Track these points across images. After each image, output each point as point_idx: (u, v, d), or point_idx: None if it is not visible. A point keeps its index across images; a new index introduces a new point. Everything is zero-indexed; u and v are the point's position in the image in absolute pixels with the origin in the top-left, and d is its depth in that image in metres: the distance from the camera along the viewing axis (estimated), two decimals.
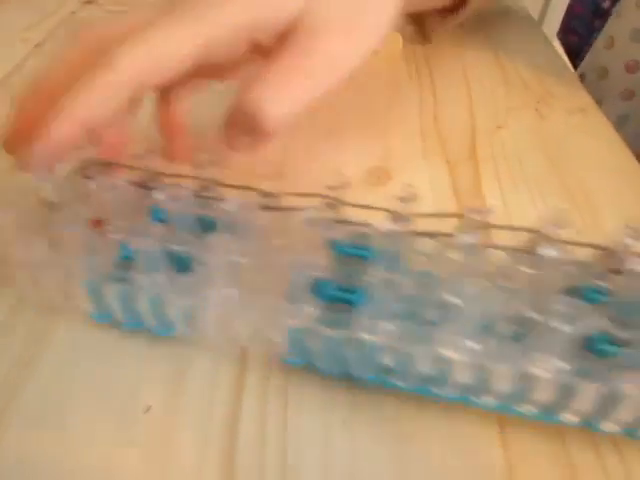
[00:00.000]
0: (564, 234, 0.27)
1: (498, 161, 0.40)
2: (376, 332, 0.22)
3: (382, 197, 0.27)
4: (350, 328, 0.23)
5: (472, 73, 0.49)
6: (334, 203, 0.27)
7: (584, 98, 0.46)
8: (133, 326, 0.27)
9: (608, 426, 0.23)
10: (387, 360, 0.24)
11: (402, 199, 0.28)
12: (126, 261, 0.25)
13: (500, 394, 0.24)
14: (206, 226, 0.27)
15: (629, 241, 0.26)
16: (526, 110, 0.45)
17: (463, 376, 0.23)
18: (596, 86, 0.55)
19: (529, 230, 0.27)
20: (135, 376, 0.25)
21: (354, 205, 0.28)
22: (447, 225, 0.27)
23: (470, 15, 0.50)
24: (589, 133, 0.43)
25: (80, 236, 0.24)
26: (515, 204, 0.36)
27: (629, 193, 0.37)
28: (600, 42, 0.55)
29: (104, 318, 0.27)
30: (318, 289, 0.24)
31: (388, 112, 0.44)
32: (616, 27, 0.53)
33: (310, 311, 0.23)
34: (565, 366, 0.22)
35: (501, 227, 0.28)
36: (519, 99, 0.46)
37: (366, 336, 0.22)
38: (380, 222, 0.26)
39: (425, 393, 0.25)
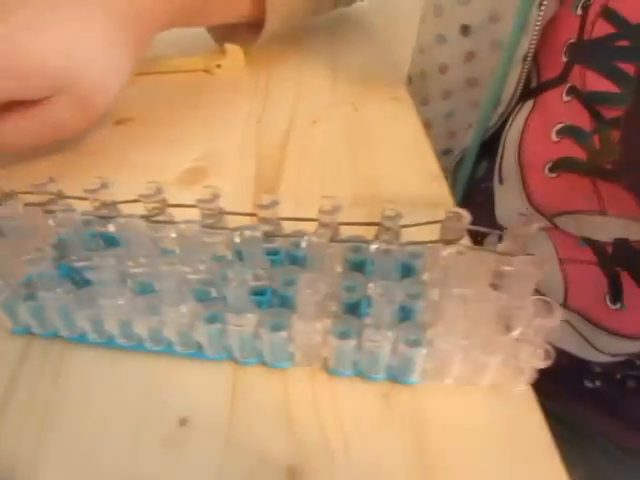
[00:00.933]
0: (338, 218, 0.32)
1: (305, 153, 0.45)
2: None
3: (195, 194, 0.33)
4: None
5: (306, 76, 0.55)
6: (55, 198, 0.34)
7: (399, 90, 0.52)
8: None
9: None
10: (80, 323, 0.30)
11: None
12: None
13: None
14: None
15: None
16: (343, 105, 0.50)
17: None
18: (420, 87, 0.60)
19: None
20: None
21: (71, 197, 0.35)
22: None
23: (273, 35, 0.56)
24: (396, 119, 0.48)
25: None
26: (307, 192, 0.41)
27: (414, 169, 0.43)
28: (416, 47, 0.60)
29: None
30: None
31: (219, 119, 0.50)
32: (423, 33, 0.58)
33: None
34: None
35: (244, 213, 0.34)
36: (340, 95, 0.52)
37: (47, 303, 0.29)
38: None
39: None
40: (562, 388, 0.51)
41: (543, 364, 0.27)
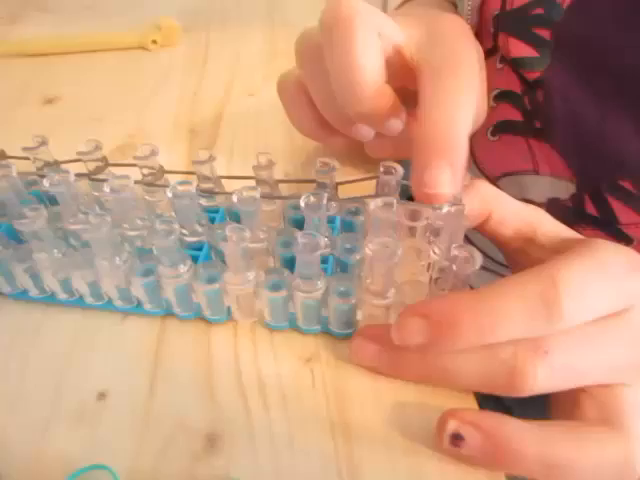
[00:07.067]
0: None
1: (240, 125, 0.46)
2: None
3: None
4: None
5: (245, 51, 0.56)
6: None
7: None
8: None
9: None
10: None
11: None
12: None
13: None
14: None
15: None
16: None
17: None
18: None
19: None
20: None
21: None
22: None
23: None
24: None
25: None
26: (239, 155, 0.43)
27: None
28: None
29: None
30: None
31: (154, 94, 0.51)
32: None
33: None
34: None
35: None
36: (278, 69, 0.52)
37: None
38: None
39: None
40: None
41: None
